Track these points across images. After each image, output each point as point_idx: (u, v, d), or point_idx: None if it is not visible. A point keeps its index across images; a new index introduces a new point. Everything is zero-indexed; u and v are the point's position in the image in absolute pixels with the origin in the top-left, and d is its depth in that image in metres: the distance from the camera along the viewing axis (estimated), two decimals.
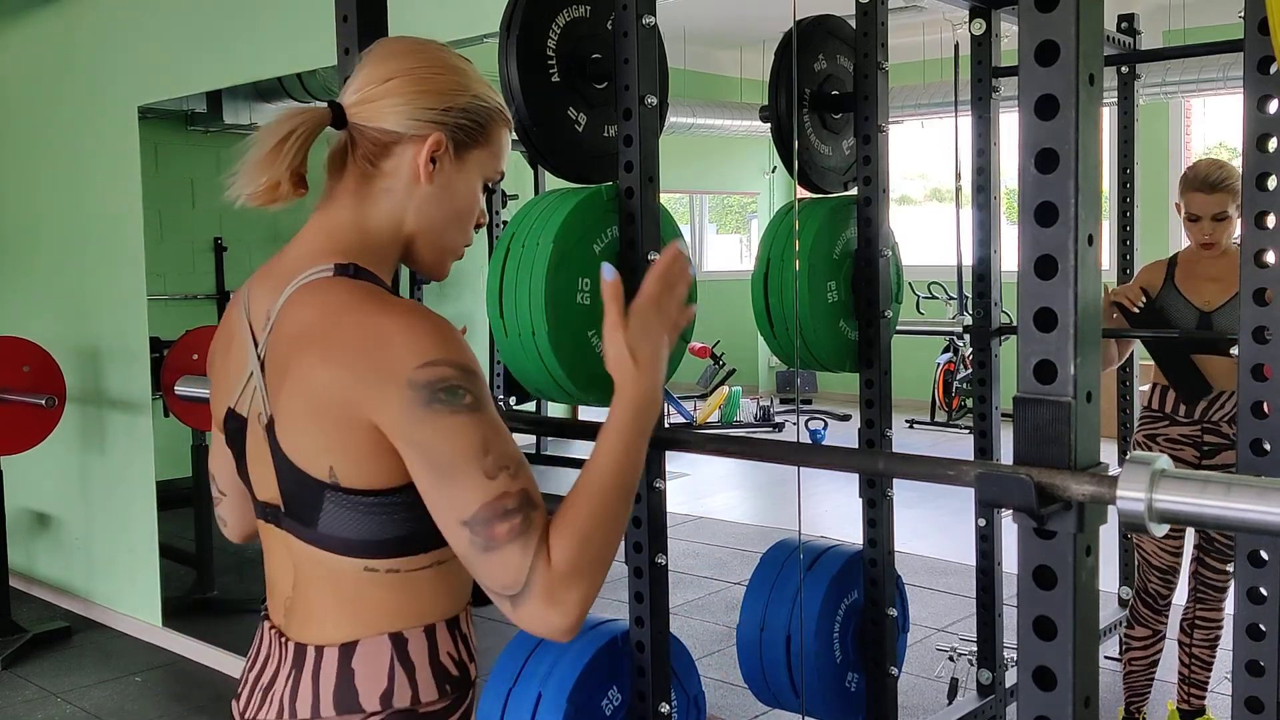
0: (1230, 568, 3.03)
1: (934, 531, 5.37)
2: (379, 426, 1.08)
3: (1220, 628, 3.11)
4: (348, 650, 1.15)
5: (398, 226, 1.22)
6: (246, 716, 1.21)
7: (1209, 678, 3.16)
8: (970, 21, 3.17)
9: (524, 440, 7.24)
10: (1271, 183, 1.74)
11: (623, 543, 1.21)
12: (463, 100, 1.21)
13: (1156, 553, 3.14)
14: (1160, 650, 3.23)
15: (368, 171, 1.21)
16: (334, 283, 1.15)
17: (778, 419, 8.73)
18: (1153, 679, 3.24)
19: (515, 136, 1.41)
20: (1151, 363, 3.23)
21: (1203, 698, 3.16)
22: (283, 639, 1.20)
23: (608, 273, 1.19)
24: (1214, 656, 3.13)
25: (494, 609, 1.12)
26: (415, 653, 1.15)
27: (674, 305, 1.23)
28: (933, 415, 8.46)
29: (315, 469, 1.11)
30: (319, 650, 1.16)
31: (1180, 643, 3.15)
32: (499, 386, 5.78)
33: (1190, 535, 3.16)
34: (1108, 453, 1.12)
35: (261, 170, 1.16)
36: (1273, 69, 1.72)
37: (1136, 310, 3.08)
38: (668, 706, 2.12)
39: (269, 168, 1.15)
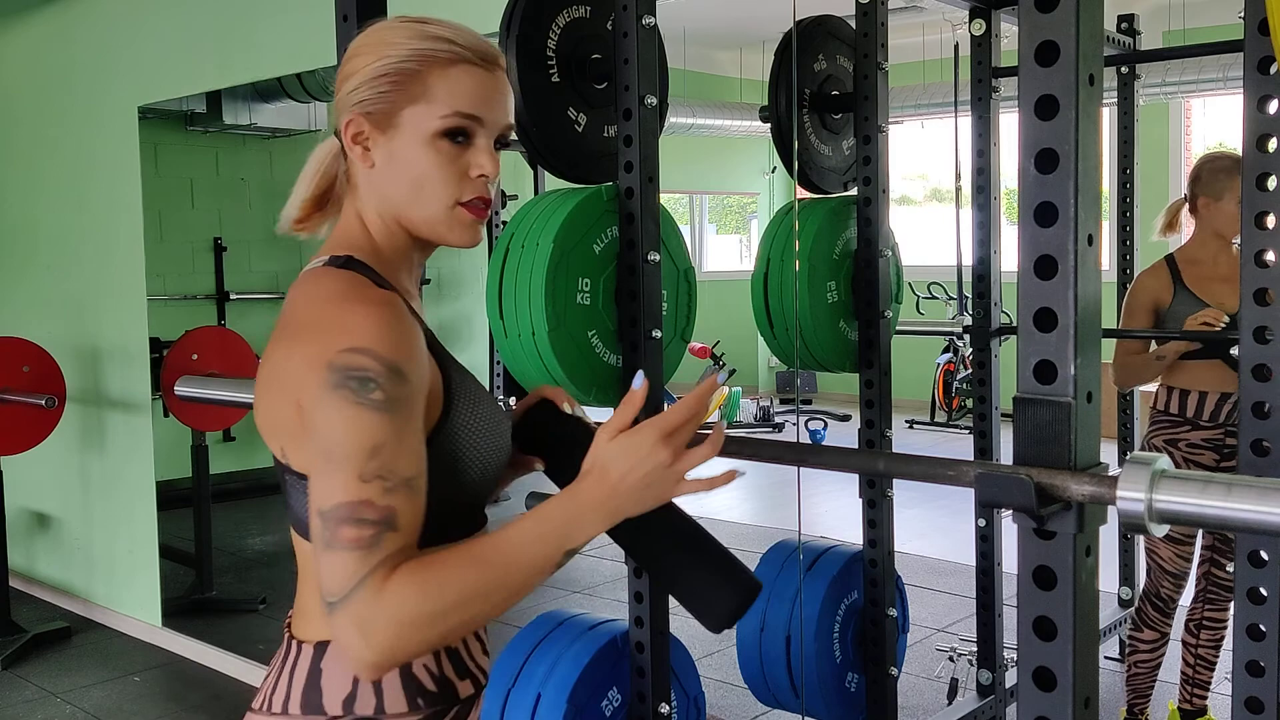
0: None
1: (934, 532, 5.36)
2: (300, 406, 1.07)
3: (1226, 628, 3.10)
4: (320, 649, 1.13)
5: (388, 213, 1.19)
6: (250, 705, 1.23)
7: (1212, 678, 3.16)
8: (970, 22, 3.17)
9: None
10: (1271, 183, 1.75)
11: None
12: (367, 71, 1.15)
13: (1171, 558, 3.09)
14: (1164, 652, 3.21)
15: (347, 173, 1.22)
16: (321, 272, 1.15)
17: (777, 419, 8.74)
18: (1156, 680, 3.24)
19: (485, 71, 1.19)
20: None
21: (1205, 697, 3.16)
22: (287, 633, 1.20)
23: (636, 381, 1.12)
24: (1218, 656, 3.12)
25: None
26: None
27: (681, 440, 1.08)
28: (932, 415, 8.46)
29: (275, 448, 1.13)
30: (299, 646, 1.15)
31: (1185, 643, 3.14)
32: (499, 387, 5.77)
33: (1199, 536, 3.14)
34: (1108, 453, 1.12)
35: (292, 201, 1.23)
36: (1273, 69, 1.72)
37: (1224, 326, 2.93)
38: (668, 707, 2.12)
39: (297, 198, 1.23)
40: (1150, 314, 3.11)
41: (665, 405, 1.24)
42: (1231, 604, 3.06)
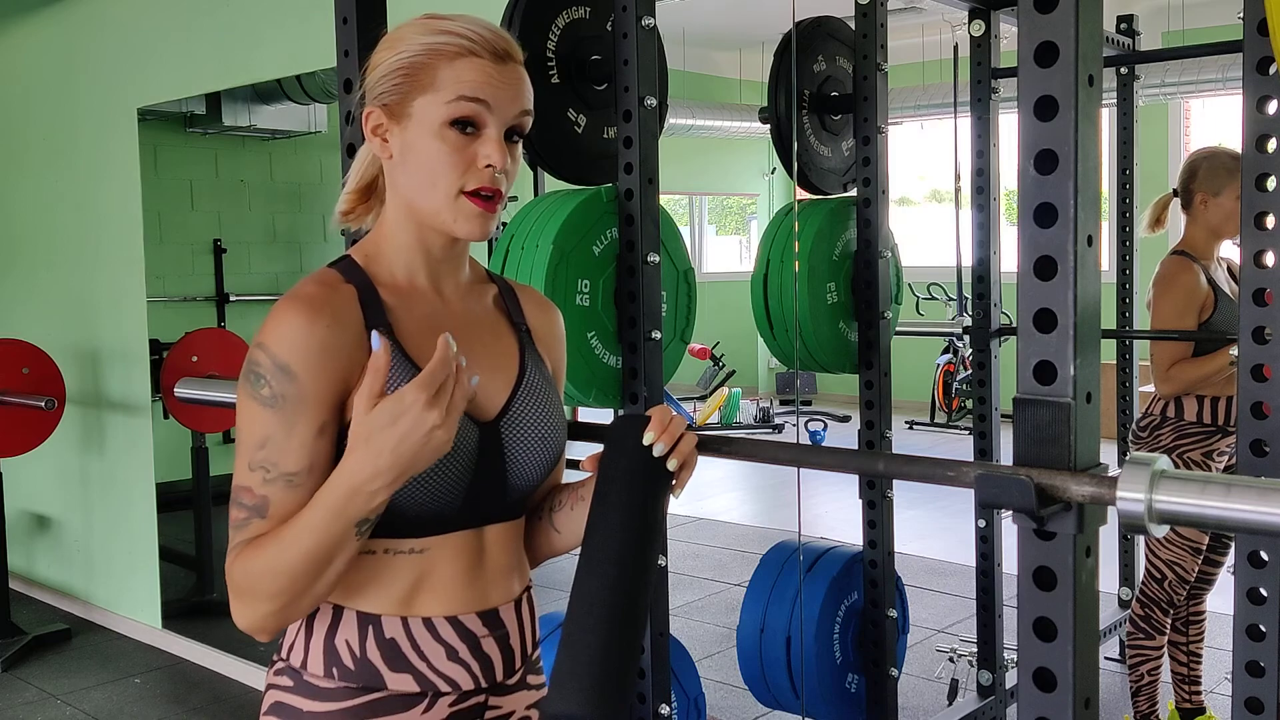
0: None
1: (934, 532, 5.37)
2: None
3: (1205, 616, 3.14)
4: None
5: (405, 203, 1.21)
6: None
7: (1202, 671, 3.17)
8: (969, 23, 3.18)
9: None
10: (1271, 183, 1.75)
11: None
12: (383, 66, 1.19)
13: (1193, 568, 3.03)
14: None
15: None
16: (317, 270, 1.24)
17: (777, 420, 8.74)
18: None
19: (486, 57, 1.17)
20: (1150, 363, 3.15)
21: (1200, 694, 3.16)
22: None
23: (375, 342, 1.08)
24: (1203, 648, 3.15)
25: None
26: (318, 622, 1.19)
27: (433, 387, 1.04)
28: (932, 416, 8.46)
29: None
30: None
31: (1175, 643, 3.14)
32: None
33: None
34: (1108, 453, 1.12)
35: (342, 195, 1.29)
36: (1272, 70, 1.72)
37: None
38: (668, 708, 2.12)
39: (345, 191, 1.28)
40: (1197, 316, 2.93)
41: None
42: (1207, 594, 3.09)
